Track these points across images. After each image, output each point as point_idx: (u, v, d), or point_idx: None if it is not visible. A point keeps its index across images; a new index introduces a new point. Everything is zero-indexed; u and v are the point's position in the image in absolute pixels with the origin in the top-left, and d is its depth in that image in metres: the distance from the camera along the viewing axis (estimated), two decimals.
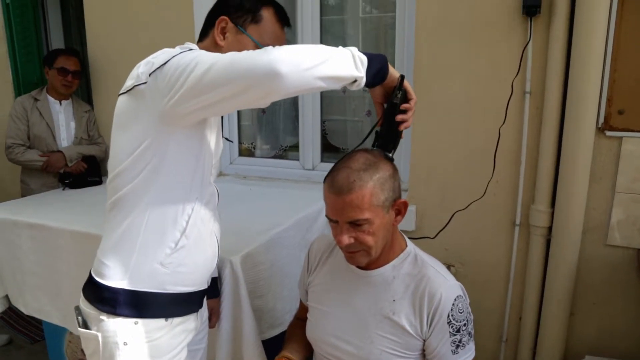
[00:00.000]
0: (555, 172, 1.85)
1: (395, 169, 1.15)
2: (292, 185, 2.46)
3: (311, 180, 2.47)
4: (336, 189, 1.10)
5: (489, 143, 1.94)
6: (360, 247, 1.13)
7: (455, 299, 1.14)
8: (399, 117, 1.11)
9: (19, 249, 1.98)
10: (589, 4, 1.65)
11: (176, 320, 1.18)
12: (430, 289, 1.15)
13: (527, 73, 1.84)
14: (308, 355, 1.38)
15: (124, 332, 1.11)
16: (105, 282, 1.11)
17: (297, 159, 2.57)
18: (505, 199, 1.98)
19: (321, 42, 2.43)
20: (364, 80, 1.00)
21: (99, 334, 1.11)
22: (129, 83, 1.06)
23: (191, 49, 1.06)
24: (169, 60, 0.98)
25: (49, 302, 1.96)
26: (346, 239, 1.11)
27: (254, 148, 2.74)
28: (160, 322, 1.15)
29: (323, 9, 2.43)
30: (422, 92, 2.02)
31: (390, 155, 1.14)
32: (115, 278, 1.11)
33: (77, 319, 1.17)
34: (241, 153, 2.74)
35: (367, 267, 1.23)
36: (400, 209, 1.18)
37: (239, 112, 2.69)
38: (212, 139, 1.15)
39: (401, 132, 1.13)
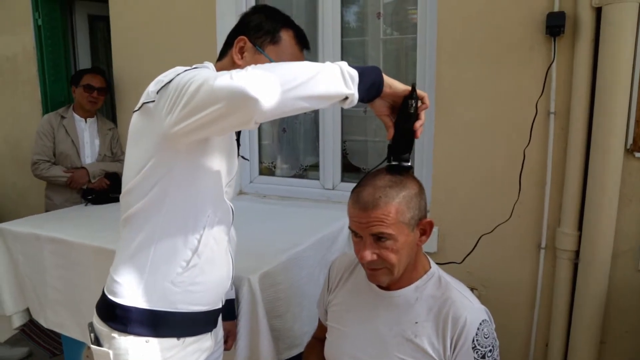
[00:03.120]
0: (582, 194, 1.80)
1: (421, 188, 1.13)
2: (312, 205, 2.44)
3: (331, 200, 2.46)
4: (361, 204, 1.08)
5: (513, 164, 1.90)
6: (383, 265, 1.11)
7: (480, 323, 1.10)
8: (418, 125, 1.07)
9: (40, 263, 2.00)
10: (614, 23, 1.63)
11: (189, 339, 1.16)
12: (454, 312, 1.11)
13: (552, 93, 1.81)
14: None
15: (135, 350, 1.09)
16: (117, 300, 1.10)
17: (317, 179, 2.56)
18: (530, 222, 1.93)
19: (342, 49, 2.43)
20: (356, 96, 0.96)
21: (111, 352, 1.10)
22: (140, 101, 1.07)
23: (201, 67, 1.06)
24: (173, 79, 0.98)
25: (69, 316, 1.96)
26: (369, 255, 1.09)
27: (274, 167, 2.75)
28: (172, 341, 1.13)
29: (344, 31, 2.45)
30: (443, 113, 2.03)
31: (409, 164, 1.12)
32: (126, 296, 1.10)
33: (90, 335, 1.16)
34: (261, 172, 2.75)
35: (389, 288, 1.20)
36: (425, 229, 1.15)
37: (259, 131, 2.71)
38: (223, 157, 1.13)
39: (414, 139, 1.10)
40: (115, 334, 1.10)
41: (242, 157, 1.33)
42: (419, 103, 1.05)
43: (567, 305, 1.87)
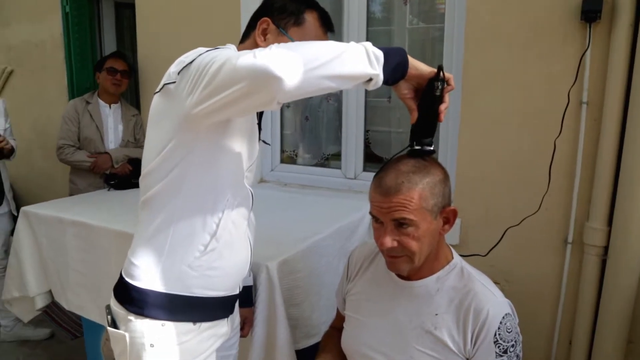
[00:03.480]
0: (614, 188, 1.73)
1: (446, 175, 1.10)
2: (333, 194, 2.42)
3: (352, 190, 2.43)
4: (384, 189, 1.05)
5: (543, 155, 1.84)
6: (403, 252, 1.08)
7: (503, 317, 1.06)
8: (442, 108, 1.03)
9: (63, 246, 2.03)
10: None
11: (205, 324, 1.16)
12: (476, 305, 1.07)
13: (585, 82, 1.74)
14: None
15: (151, 333, 1.09)
16: (134, 283, 1.10)
17: (339, 168, 2.54)
18: (556, 215, 1.86)
19: (367, 38, 2.39)
20: (381, 77, 0.93)
21: (127, 334, 1.10)
22: (162, 82, 1.06)
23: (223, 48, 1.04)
24: (195, 59, 0.96)
25: (90, 299, 1.98)
26: (389, 242, 1.06)
27: (296, 156, 2.73)
28: (188, 325, 1.12)
29: (369, 20, 2.41)
30: (469, 103, 1.97)
31: (432, 147, 1.08)
32: (143, 279, 1.10)
33: (107, 317, 1.16)
34: (283, 160, 2.73)
35: (409, 278, 1.16)
36: (449, 217, 1.11)
37: (281, 119, 2.69)
38: (244, 141, 1.12)
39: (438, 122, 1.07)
40: (131, 317, 1.10)
41: (264, 141, 1.32)
42: (445, 85, 1.02)
43: (593, 302, 1.81)
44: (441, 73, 1.00)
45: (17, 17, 3.48)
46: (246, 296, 1.49)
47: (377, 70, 0.92)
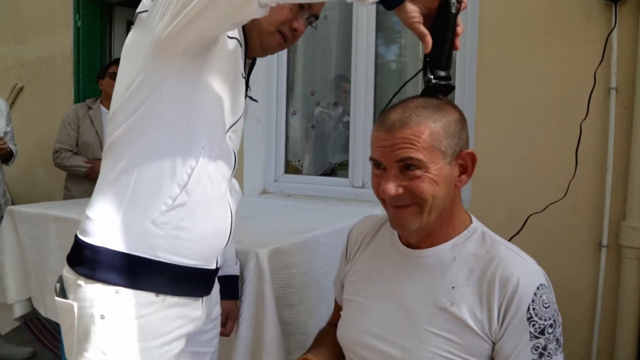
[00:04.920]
0: None
1: (463, 116, 0.92)
2: (340, 204, 2.27)
3: (360, 199, 2.27)
4: (387, 125, 0.87)
5: (568, 148, 1.66)
6: (412, 200, 0.87)
7: (538, 288, 0.84)
8: (460, 30, 0.89)
9: (44, 245, 1.89)
10: None
11: (171, 299, 0.96)
12: (502, 272, 0.86)
13: (612, 67, 1.59)
14: None
15: (102, 302, 0.90)
16: (86, 240, 0.93)
17: (346, 177, 2.39)
18: (587, 216, 1.66)
19: (376, 44, 2.31)
20: None
21: (75, 304, 0.91)
22: (135, 13, 0.96)
23: None
24: None
25: None
26: (392, 188, 0.86)
27: (301, 166, 2.59)
28: (149, 296, 0.94)
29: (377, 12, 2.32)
30: (487, 97, 1.83)
31: (447, 73, 0.91)
32: (97, 235, 0.93)
33: (56, 286, 0.98)
34: (287, 171, 2.60)
35: (418, 245, 0.96)
36: (466, 165, 0.91)
37: (286, 128, 2.57)
38: (225, 87, 0.98)
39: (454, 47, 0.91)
40: (81, 281, 0.91)
41: (251, 97, 1.18)
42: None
43: (636, 315, 1.57)
44: None
45: (32, 33, 3.53)
46: (231, 287, 1.32)
47: None
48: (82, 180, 2.55)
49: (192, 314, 1.03)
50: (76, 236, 0.97)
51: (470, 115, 1.86)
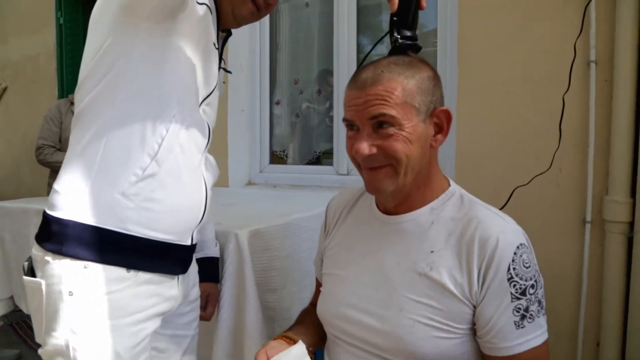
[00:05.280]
0: (634, 155, 1.52)
1: (436, 74, 0.90)
2: (325, 192, 2.24)
3: (345, 186, 2.24)
4: (359, 83, 0.86)
5: (551, 121, 1.65)
6: (386, 161, 0.85)
7: (517, 247, 0.82)
8: None
9: (26, 238, 1.85)
10: None
11: (143, 275, 0.93)
12: (482, 233, 0.84)
13: (591, 39, 1.59)
14: (318, 344, 1.08)
15: (70, 277, 0.87)
16: (53, 214, 0.90)
17: (331, 165, 2.38)
18: (571, 192, 1.65)
19: (357, 37, 2.31)
20: None
21: (43, 281, 0.88)
22: None
23: None
24: None
25: None
26: (366, 148, 0.84)
27: (286, 156, 2.57)
28: (120, 271, 0.90)
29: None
30: (468, 75, 1.82)
31: (413, 33, 0.91)
32: (64, 208, 0.89)
33: (24, 265, 0.95)
34: (272, 161, 2.58)
35: (396, 211, 0.94)
36: (441, 123, 0.89)
37: (270, 118, 2.56)
38: (197, 55, 0.96)
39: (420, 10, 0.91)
40: (49, 257, 0.88)
41: (225, 69, 1.15)
42: None
43: (621, 291, 1.56)
44: None
45: (15, 32, 3.50)
46: (211, 270, 1.29)
47: None
48: None
49: (166, 292, 1.00)
50: (44, 212, 0.94)
51: (452, 92, 1.85)
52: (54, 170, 2.55)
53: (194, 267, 1.14)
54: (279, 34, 2.55)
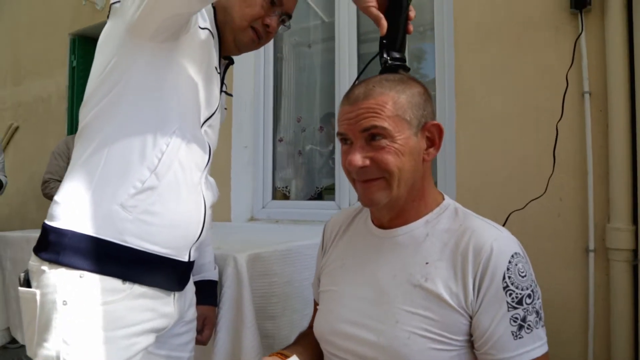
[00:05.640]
0: (633, 181, 1.53)
1: (426, 90, 0.93)
2: None
3: None
4: (352, 99, 0.89)
5: (546, 147, 1.67)
6: (379, 173, 0.86)
7: (512, 256, 0.82)
8: (412, 13, 0.93)
9: (26, 266, 1.85)
10: None
11: (138, 288, 0.93)
12: (476, 242, 0.84)
13: (584, 71, 1.63)
14: None
15: (65, 287, 0.86)
16: (52, 224, 0.91)
17: (333, 200, 2.39)
18: (572, 222, 1.64)
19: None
20: None
21: (38, 291, 0.88)
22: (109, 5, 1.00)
23: None
24: None
25: None
26: (359, 159, 0.86)
27: (289, 192, 2.59)
28: (115, 282, 0.90)
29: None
30: (465, 109, 1.87)
31: (402, 54, 0.95)
32: (63, 218, 0.90)
33: (20, 276, 0.94)
34: (275, 197, 2.59)
35: (391, 225, 0.94)
36: (433, 137, 0.91)
37: (273, 155, 2.59)
38: (200, 75, 1.01)
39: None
40: (45, 267, 0.88)
41: (226, 92, 1.19)
42: None
43: (629, 321, 1.51)
44: None
45: (28, 75, 3.63)
46: (209, 293, 1.27)
47: None
48: None
49: (162, 308, 0.99)
50: (43, 223, 0.94)
51: (451, 125, 1.88)
52: None
53: (191, 287, 1.13)
54: (282, 71, 2.63)
